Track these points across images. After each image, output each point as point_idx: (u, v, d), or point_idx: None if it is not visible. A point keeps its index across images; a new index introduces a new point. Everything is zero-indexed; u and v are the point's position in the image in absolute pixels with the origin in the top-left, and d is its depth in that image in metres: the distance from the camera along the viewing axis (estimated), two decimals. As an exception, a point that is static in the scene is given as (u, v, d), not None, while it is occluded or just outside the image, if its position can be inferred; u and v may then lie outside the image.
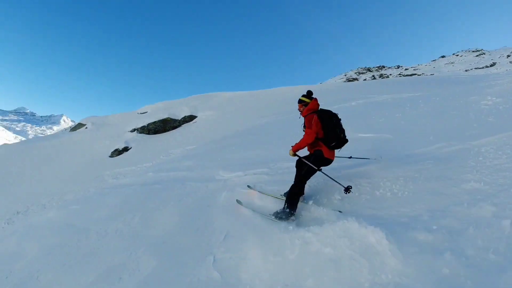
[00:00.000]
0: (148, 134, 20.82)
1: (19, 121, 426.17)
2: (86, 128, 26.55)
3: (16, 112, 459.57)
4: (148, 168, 12.05)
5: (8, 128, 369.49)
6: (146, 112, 25.75)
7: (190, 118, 21.99)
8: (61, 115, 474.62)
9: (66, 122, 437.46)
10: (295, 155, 4.37)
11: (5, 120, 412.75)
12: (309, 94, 4.55)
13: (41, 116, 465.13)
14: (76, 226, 6.39)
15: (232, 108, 22.56)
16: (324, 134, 4.17)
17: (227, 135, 14.13)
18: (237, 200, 5.10)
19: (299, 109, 4.58)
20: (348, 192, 4.16)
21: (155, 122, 21.17)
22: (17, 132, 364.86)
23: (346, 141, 4.28)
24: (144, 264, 4.11)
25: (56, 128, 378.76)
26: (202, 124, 19.89)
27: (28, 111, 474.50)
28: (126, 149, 18.70)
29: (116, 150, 18.61)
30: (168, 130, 21.08)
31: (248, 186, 5.72)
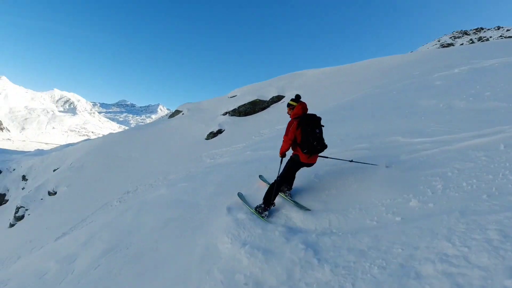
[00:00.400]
0: (239, 116, 23.61)
1: (121, 112, 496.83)
2: (183, 114, 30.86)
3: (118, 104, 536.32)
4: (243, 148, 13.96)
5: (112, 119, 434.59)
6: (236, 95, 28.73)
7: (278, 98, 24.10)
8: (158, 105, 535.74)
9: (162, 111, 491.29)
10: (284, 156, 5.32)
11: (109, 112, 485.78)
12: (297, 98, 5.26)
13: (140, 107, 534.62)
14: (186, 202, 7.32)
15: (320, 85, 23.65)
16: (301, 139, 4.87)
17: (317, 112, 15.19)
18: (238, 194, 6.22)
19: (288, 113, 5.33)
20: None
21: (245, 104, 23.83)
22: (120, 122, 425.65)
23: (322, 148, 4.91)
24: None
25: (154, 117, 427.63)
26: (291, 103, 21.56)
27: (128, 103, 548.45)
28: (220, 131, 21.73)
29: (211, 132, 21.79)
30: (258, 112, 23.53)
31: (260, 176, 6.80)
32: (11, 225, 21.87)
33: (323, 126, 5.03)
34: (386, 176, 5.08)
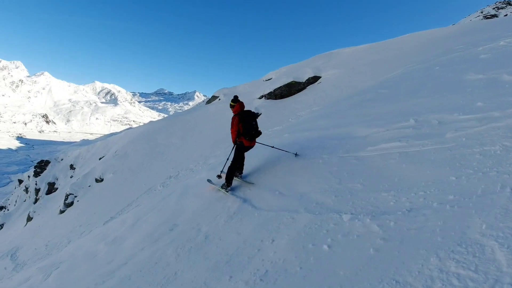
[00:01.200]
0: (275, 99, 23.33)
1: (160, 100, 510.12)
2: (219, 99, 31.04)
3: (156, 93, 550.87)
4: (280, 131, 13.86)
5: (152, 108, 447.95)
6: (271, 78, 28.40)
7: (314, 79, 23.52)
8: (194, 91, 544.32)
9: (199, 97, 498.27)
10: (235, 143, 6.99)
11: (149, 101, 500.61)
12: (235, 98, 6.98)
13: (178, 94, 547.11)
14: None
15: (357, 63, 22.88)
16: (242, 130, 6.68)
17: (355, 92, 14.91)
18: (207, 180, 7.94)
19: (233, 111, 6.99)
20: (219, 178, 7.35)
21: (280, 87, 23.50)
22: (159, 110, 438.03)
23: (258, 134, 6.90)
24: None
25: (191, 103, 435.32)
26: (327, 84, 21.25)
27: (166, 91, 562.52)
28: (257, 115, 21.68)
29: (247, 116, 21.80)
30: (294, 94, 23.14)
31: (208, 181, 7.91)
32: (61, 212, 23.10)
33: (260, 113, 6.94)
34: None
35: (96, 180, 23.38)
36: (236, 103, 6.90)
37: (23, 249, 19.47)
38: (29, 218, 27.70)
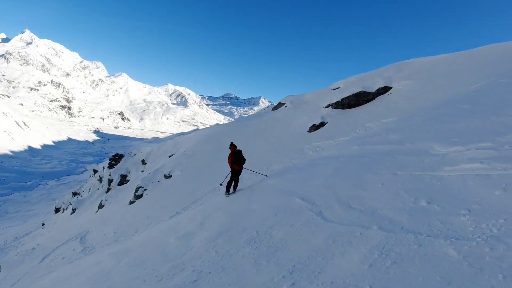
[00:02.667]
0: (343, 108, 22.89)
1: (226, 104, 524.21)
2: (286, 106, 31.11)
3: (223, 97, 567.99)
4: (348, 142, 13.56)
5: (218, 111, 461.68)
6: (339, 87, 27.89)
7: (384, 89, 22.66)
8: (259, 97, 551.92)
9: (263, 103, 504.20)
10: (231, 168, 10.80)
11: (216, 104, 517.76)
12: (231, 143, 11.26)
13: (243, 99, 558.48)
14: (295, 193, 7.40)
15: (432, 74, 21.55)
16: (234, 160, 10.66)
17: (430, 105, 14.13)
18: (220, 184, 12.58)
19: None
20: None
21: (348, 96, 23.00)
22: (225, 114, 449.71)
23: (243, 162, 10.87)
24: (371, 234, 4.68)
25: (256, 109, 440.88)
26: (399, 95, 20.39)
27: (233, 95, 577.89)
28: (322, 124, 21.37)
29: (313, 125, 21.56)
30: (362, 104, 22.49)
31: (221, 184, 12.41)
32: (131, 202, 24.55)
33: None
34: None
35: (165, 176, 24.57)
36: (231, 146, 11.12)
37: (92, 234, 20.93)
38: (101, 206, 29.78)
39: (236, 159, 10.57)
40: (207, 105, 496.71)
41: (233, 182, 10.88)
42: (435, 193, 5.09)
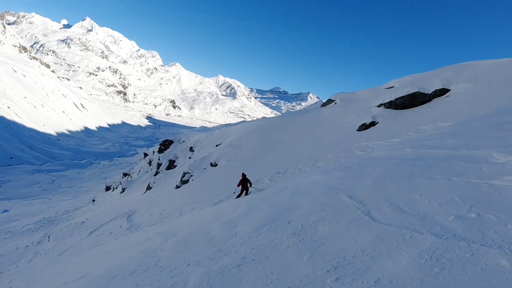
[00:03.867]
0: (395, 109, 22.08)
1: (274, 98, 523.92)
2: (335, 103, 30.56)
3: (272, 91, 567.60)
4: (400, 144, 13.12)
5: (266, 105, 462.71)
6: (393, 86, 26.90)
7: (442, 92, 21.54)
8: (308, 93, 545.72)
9: (312, 99, 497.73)
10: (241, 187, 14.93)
11: (264, 98, 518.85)
12: (243, 173, 14.99)
13: (292, 94, 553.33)
14: (342, 191, 7.35)
15: (495, 79, 20.10)
16: (242, 184, 14.62)
17: (492, 111, 13.38)
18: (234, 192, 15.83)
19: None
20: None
21: (402, 97, 22.10)
22: (272, 108, 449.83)
23: (250, 185, 14.80)
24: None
25: (304, 104, 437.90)
26: (457, 99, 19.38)
27: (281, 90, 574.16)
28: (373, 123, 20.77)
29: (363, 124, 21.01)
30: (417, 105, 21.54)
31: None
32: (177, 187, 25.38)
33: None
34: None
35: (211, 164, 25.13)
36: (243, 175, 14.84)
37: (139, 213, 21.87)
38: (149, 188, 31.05)
39: (243, 184, 14.63)
40: (255, 98, 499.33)
41: (240, 196, 14.73)
42: (492, 202, 4.88)
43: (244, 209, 8.16)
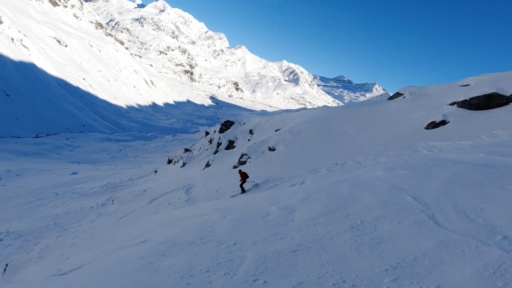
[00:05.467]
0: (469, 109, 20.52)
1: (338, 87, 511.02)
2: (404, 97, 29.07)
3: (335, 79, 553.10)
4: (472, 148, 12.29)
5: (328, 93, 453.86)
6: (468, 84, 24.91)
7: (524, 94, 19.61)
8: (374, 84, 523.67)
9: (377, 90, 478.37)
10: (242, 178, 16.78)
11: (327, 86, 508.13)
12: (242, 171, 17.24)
13: (356, 84, 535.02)
14: (406, 190, 7.11)
15: None
16: (244, 176, 16.64)
17: None
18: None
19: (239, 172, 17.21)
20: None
21: (478, 96, 20.41)
22: (335, 97, 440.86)
23: (246, 178, 16.57)
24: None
25: (368, 95, 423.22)
26: (543, 104, 17.48)
27: (345, 79, 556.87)
28: (443, 122, 19.52)
29: (432, 122, 19.82)
30: (493, 107, 19.81)
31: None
32: (235, 167, 25.91)
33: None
34: None
35: (269, 149, 25.25)
36: (242, 172, 16.89)
37: (197, 188, 22.59)
38: (208, 165, 31.97)
39: (245, 176, 16.57)
40: (318, 85, 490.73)
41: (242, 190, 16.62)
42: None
43: (301, 196, 8.16)
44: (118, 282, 5.18)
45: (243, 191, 16.54)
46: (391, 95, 35.16)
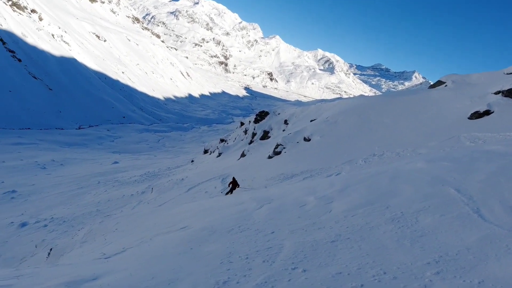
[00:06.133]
0: (516, 99, 19.43)
1: (375, 76, 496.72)
2: (446, 86, 27.87)
3: (373, 68, 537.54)
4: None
5: (365, 82, 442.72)
6: (515, 72, 23.49)
7: None
8: (413, 72, 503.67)
9: (417, 79, 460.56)
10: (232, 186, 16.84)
11: (363, 74, 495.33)
12: (233, 178, 17.13)
13: (395, 72, 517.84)
14: (449, 183, 6.92)
15: None
16: (233, 184, 16.69)
17: None
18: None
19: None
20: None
21: (527, 85, 19.28)
22: (372, 86, 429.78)
23: (236, 186, 16.57)
24: None
25: (407, 84, 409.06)
26: None
27: (383, 67, 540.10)
28: (487, 112, 18.59)
29: (476, 112, 18.93)
30: (545, 98, 18.70)
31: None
32: (269, 157, 26.00)
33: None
34: None
35: (304, 139, 25.10)
36: (232, 179, 16.98)
37: (232, 177, 22.81)
38: (243, 155, 32.31)
39: (234, 184, 16.63)
40: (354, 74, 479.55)
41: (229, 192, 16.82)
42: None
43: (339, 187, 8.10)
44: (160, 265, 5.39)
45: (231, 192, 16.60)
46: (432, 83, 33.81)
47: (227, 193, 16.78)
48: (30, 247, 17.72)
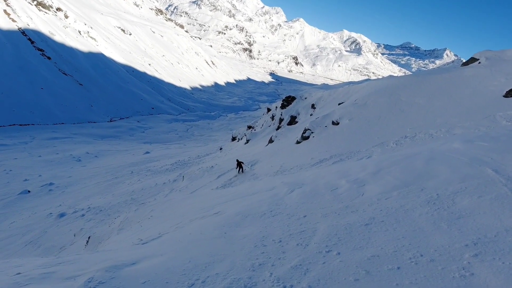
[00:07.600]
0: (557, 73, 18.39)
1: (404, 55, 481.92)
2: (479, 63, 26.70)
3: (401, 47, 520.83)
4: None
5: (394, 62, 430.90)
6: (554, 48, 22.15)
7: None
8: (444, 49, 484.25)
9: (448, 57, 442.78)
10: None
11: (392, 54, 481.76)
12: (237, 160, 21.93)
13: (425, 50, 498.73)
14: (487, 163, 6.78)
15: None
16: (239, 164, 21.55)
17: None
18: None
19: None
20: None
21: None
22: (401, 65, 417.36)
23: (241, 165, 21.43)
24: None
25: (438, 62, 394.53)
26: None
27: (412, 45, 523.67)
28: (524, 89, 17.72)
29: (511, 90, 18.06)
30: None
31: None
32: (298, 142, 25.85)
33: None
34: None
35: (333, 123, 24.75)
36: (237, 162, 21.58)
37: (261, 164, 22.97)
38: (271, 141, 32.25)
39: (239, 164, 20.68)
40: (382, 54, 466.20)
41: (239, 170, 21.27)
42: None
43: (372, 170, 7.99)
44: (196, 249, 5.55)
45: (240, 171, 21.29)
46: (465, 61, 32.43)
47: (238, 172, 21.15)
48: (69, 236, 18.63)
